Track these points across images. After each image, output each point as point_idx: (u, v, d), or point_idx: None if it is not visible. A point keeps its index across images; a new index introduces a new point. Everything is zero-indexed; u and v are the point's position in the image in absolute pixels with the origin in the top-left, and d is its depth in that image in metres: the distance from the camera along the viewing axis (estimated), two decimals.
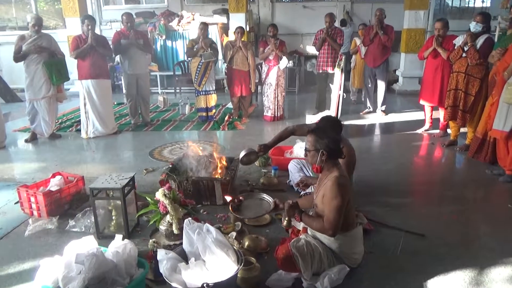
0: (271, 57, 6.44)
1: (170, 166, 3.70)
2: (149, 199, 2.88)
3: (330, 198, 2.36)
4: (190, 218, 2.35)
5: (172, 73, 9.34)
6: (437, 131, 5.81)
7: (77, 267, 2.03)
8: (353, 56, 7.95)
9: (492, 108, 4.20)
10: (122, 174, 3.11)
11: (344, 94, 6.30)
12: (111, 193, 2.99)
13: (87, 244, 2.35)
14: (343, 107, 5.77)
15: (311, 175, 3.76)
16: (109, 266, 2.15)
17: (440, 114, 5.65)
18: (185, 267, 2.02)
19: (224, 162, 3.82)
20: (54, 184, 3.56)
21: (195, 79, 6.38)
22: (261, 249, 2.77)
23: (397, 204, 3.57)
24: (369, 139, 5.88)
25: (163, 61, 9.82)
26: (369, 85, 7.05)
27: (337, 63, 5.94)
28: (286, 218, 2.58)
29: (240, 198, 2.92)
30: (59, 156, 5.02)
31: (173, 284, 1.93)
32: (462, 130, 5.30)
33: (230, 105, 7.60)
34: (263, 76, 6.64)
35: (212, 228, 2.16)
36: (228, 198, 2.91)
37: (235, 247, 2.19)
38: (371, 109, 7.22)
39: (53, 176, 3.64)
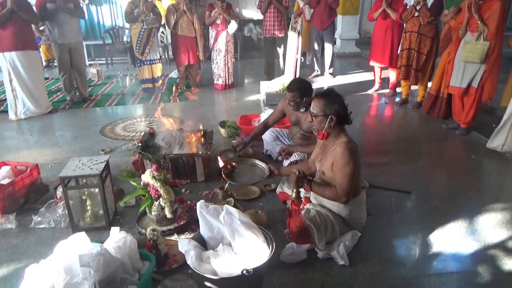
0: (218, 21, 6.09)
1: (139, 144, 3.35)
2: (134, 183, 2.58)
3: (342, 164, 2.29)
4: (202, 201, 2.12)
5: (100, 42, 8.50)
6: (387, 90, 6.03)
7: (83, 271, 1.73)
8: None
9: (449, 66, 4.41)
10: (93, 158, 2.73)
11: (302, 57, 6.22)
12: (85, 180, 2.62)
13: (80, 242, 2.03)
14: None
15: (289, 142, 3.68)
16: (117, 264, 1.88)
17: (391, 74, 5.85)
18: (214, 255, 1.82)
19: (200, 136, 3.57)
20: (2, 177, 3.04)
21: (137, 48, 5.85)
22: (263, 224, 2.64)
23: (373, 164, 3.64)
24: None
25: (88, 29, 8.88)
26: (316, 48, 7.05)
27: (290, 26, 5.79)
28: (294, 190, 2.48)
29: (233, 164, 2.76)
30: None
31: (206, 275, 1.72)
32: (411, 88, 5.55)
33: (173, 74, 7.17)
34: (211, 42, 6.28)
35: (232, 209, 1.98)
36: (220, 163, 2.72)
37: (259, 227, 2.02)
38: (319, 72, 7.26)
39: None
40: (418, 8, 4.90)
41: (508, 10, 4.31)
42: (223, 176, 2.72)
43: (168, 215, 2.52)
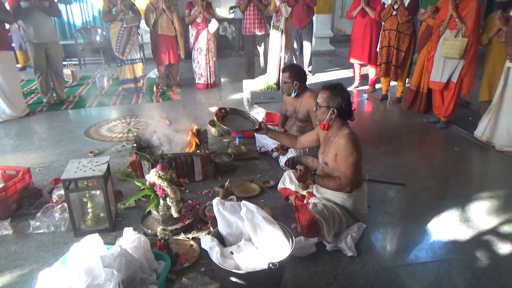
0: (198, 20, 6.06)
1: (134, 145, 3.30)
2: (139, 184, 2.55)
3: (346, 155, 2.37)
4: (218, 198, 2.13)
5: (72, 42, 8.25)
6: (367, 87, 6.21)
7: (106, 272, 1.71)
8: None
9: (429, 63, 4.60)
10: (93, 159, 2.68)
11: (286, 56, 6.28)
12: (86, 182, 2.56)
13: (94, 245, 1.99)
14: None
15: None
16: (137, 264, 1.87)
17: (370, 71, 6.02)
18: (237, 250, 1.84)
19: (194, 134, 3.57)
20: None
21: (117, 47, 5.73)
22: None
23: (368, 157, 3.74)
24: None
25: (59, 29, 8.58)
26: (295, 47, 7.13)
27: (272, 25, 5.84)
28: (301, 183, 2.53)
29: (227, 109, 2.90)
30: None
31: (233, 270, 1.74)
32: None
33: (151, 74, 7.07)
34: (191, 41, 6.24)
35: (250, 205, 2.00)
36: (213, 109, 2.81)
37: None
38: None
39: None
40: (395, 7, 5.09)
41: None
42: (216, 119, 2.83)
43: (175, 214, 2.51)
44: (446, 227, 2.71)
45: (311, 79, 7.04)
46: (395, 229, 2.70)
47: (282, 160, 3.41)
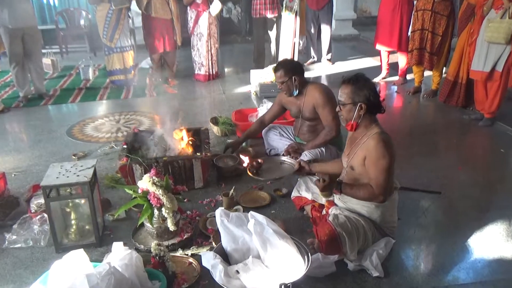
0: (198, 1, 6.10)
1: (124, 146, 3.35)
2: (130, 191, 2.58)
3: (377, 158, 2.37)
4: (222, 208, 2.16)
5: (52, 26, 8.36)
6: (396, 78, 6.20)
7: None
8: None
9: (470, 48, 4.58)
10: (77, 163, 2.72)
11: (301, 42, 6.31)
12: (69, 190, 2.60)
13: (78, 262, 2.02)
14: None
15: (294, 139, 3.75)
16: (128, 284, 1.90)
17: (400, 59, 6.01)
18: (244, 269, 1.86)
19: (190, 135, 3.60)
20: None
21: (104, 33, 5.80)
22: None
23: (396, 160, 3.71)
24: None
25: (37, 11, 8.71)
26: (312, 31, 7.15)
27: (285, 6, 5.86)
28: (323, 192, 2.54)
29: (259, 161, 2.95)
30: None
31: None
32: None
33: (144, 64, 7.14)
34: (190, 25, 6.29)
35: (259, 216, 2.02)
36: (246, 160, 2.94)
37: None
38: (315, 59, 7.37)
39: None
40: None
41: None
42: (250, 174, 2.88)
43: (171, 227, 2.52)
44: (490, 243, 2.69)
45: (330, 69, 7.05)
46: (430, 245, 2.70)
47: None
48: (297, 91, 3.44)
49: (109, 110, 5.27)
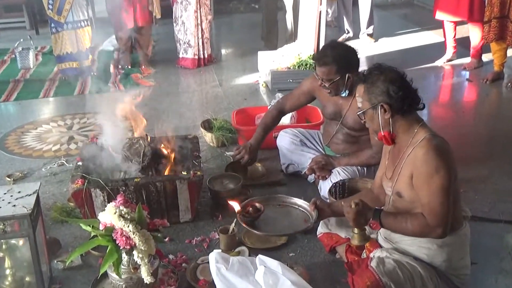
0: None
1: (79, 163, 3.35)
2: (87, 228, 2.53)
3: (427, 174, 2.33)
4: (218, 251, 2.10)
5: None
6: (468, 60, 6.16)
7: None
8: None
9: None
10: (14, 188, 2.71)
11: (329, 11, 6.32)
12: (1, 226, 2.54)
13: None
14: None
15: (322, 151, 3.74)
16: None
17: (472, 33, 5.97)
18: None
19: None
20: None
21: (50, 2, 5.81)
22: None
23: (469, 179, 3.70)
24: None
25: None
26: None
27: None
28: (356, 232, 2.53)
29: (257, 206, 2.90)
30: None
31: None
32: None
33: (107, 45, 7.16)
34: None
35: (272, 261, 1.99)
36: (236, 206, 2.85)
37: None
38: (351, 34, 7.45)
39: None
40: None
41: None
42: (243, 224, 2.82)
43: (147, 279, 2.47)
44: None
45: (372, 49, 7.01)
46: None
47: (324, 186, 3.39)
48: (348, 92, 3.38)
49: (57, 112, 5.33)
